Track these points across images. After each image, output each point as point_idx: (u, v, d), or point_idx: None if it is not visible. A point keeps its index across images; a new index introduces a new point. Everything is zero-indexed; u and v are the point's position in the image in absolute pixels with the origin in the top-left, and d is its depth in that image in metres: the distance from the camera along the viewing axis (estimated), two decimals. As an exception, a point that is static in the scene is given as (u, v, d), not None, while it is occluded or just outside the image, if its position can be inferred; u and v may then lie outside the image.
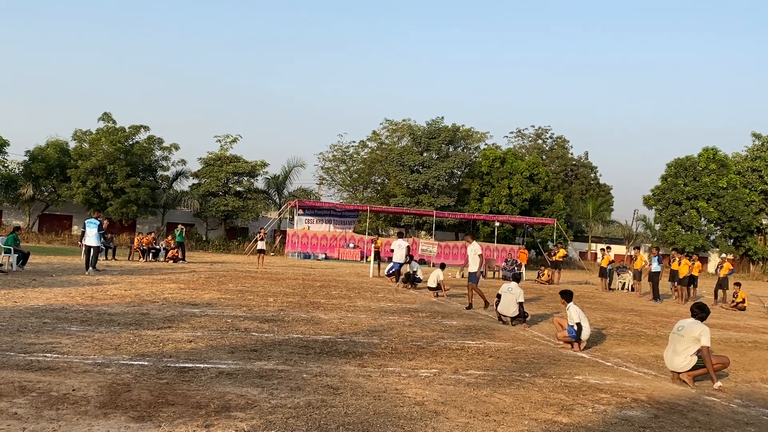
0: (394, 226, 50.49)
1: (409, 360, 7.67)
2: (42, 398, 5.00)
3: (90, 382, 5.60)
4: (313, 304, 12.84)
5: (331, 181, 53.59)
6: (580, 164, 60.87)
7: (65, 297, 11.42)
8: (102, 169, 38.24)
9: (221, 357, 7.06)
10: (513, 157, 47.36)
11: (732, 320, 16.08)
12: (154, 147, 41.19)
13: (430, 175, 44.26)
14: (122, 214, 38.56)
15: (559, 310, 11.71)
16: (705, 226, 51.38)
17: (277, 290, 15.35)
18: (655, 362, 8.82)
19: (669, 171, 52.39)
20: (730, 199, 48.79)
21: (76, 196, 37.99)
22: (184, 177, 44.02)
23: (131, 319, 9.31)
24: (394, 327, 10.41)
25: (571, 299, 9.91)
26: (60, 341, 7.33)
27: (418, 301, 15.20)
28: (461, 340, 9.54)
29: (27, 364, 6.08)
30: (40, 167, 38.24)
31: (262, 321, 10.04)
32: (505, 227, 45.52)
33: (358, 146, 52.80)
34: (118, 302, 11.18)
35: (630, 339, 11.17)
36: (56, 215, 41.95)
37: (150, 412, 4.84)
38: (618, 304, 18.31)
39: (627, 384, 7.22)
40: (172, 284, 15.13)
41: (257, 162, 43.48)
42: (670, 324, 12.63)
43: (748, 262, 52.67)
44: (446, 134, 45.85)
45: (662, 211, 52.22)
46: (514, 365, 7.86)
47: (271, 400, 5.39)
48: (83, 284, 13.93)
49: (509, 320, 11.87)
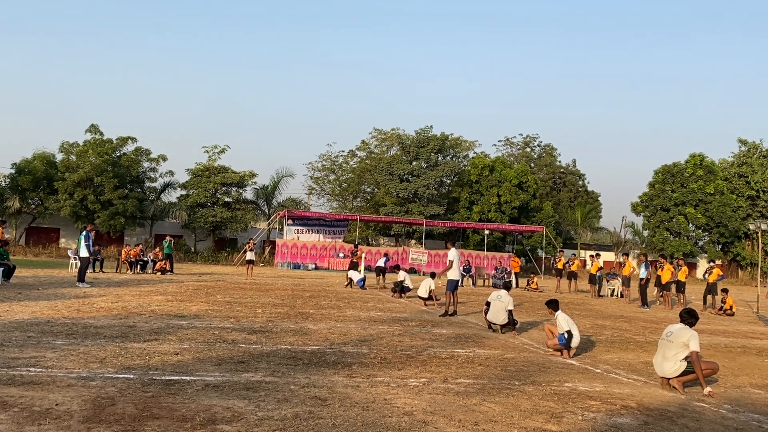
0: (384, 235, 50.51)
1: (399, 369, 7.62)
2: (24, 413, 4.91)
3: (74, 396, 5.51)
4: (302, 315, 12.77)
5: (320, 191, 53.62)
6: (568, 172, 61.24)
7: (51, 310, 11.29)
8: (89, 181, 38.03)
9: (208, 369, 6.99)
10: (502, 166, 47.57)
11: (721, 325, 16.14)
12: (141, 158, 41.05)
13: (420, 183, 44.34)
14: (110, 226, 38.31)
15: (549, 317, 11.70)
16: (693, 232, 51.72)
17: (266, 301, 15.26)
18: (644, 369, 8.82)
19: (656, 177, 52.78)
20: (717, 205, 49.18)
21: (63, 208, 37.74)
22: (172, 188, 43.91)
23: (117, 332, 9.21)
24: (383, 336, 10.36)
25: (558, 308, 9.91)
26: (44, 355, 7.22)
27: (407, 310, 15.16)
28: (451, 349, 9.51)
29: (9, 379, 5.98)
30: (26, 180, 37.97)
31: (250, 332, 9.96)
32: (495, 235, 45.64)
33: (347, 156, 52.88)
34: (105, 315, 11.06)
35: (619, 345, 11.17)
36: (43, 228, 41.62)
37: (134, 426, 4.77)
38: (607, 311, 18.34)
39: (617, 391, 7.20)
40: (160, 296, 15.00)
41: (246, 172, 43.43)
42: (659, 330, 12.66)
43: (736, 267, 53.06)
44: (435, 143, 45.99)
45: (650, 217, 52.55)
46: (503, 373, 7.83)
47: (258, 413, 5.33)
48: (69, 297, 13.78)
49: (499, 328, 11.86)
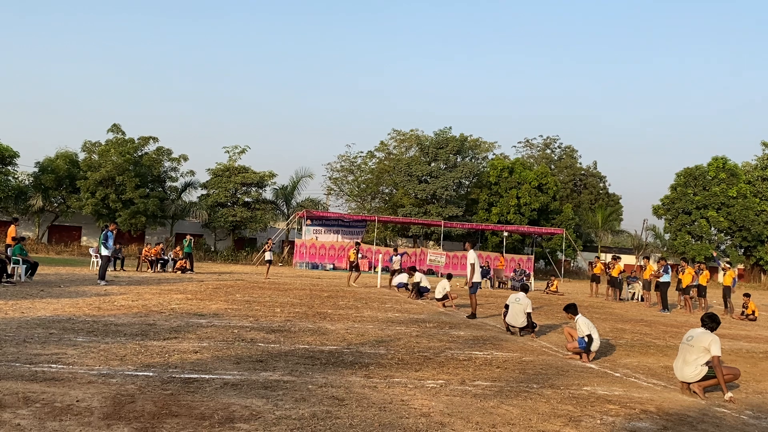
0: (402, 236, 50.45)
1: (416, 371, 7.61)
2: (45, 409, 4.98)
3: (94, 393, 5.58)
4: (320, 315, 12.81)
5: (339, 192, 53.67)
6: (588, 174, 60.71)
7: (72, 308, 11.44)
8: (111, 180, 38.44)
9: (227, 368, 7.04)
10: (521, 167, 47.27)
11: (743, 330, 15.91)
12: (162, 158, 41.39)
13: (438, 185, 44.23)
14: (131, 225, 38.71)
15: (568, 321, 11.62)
16: (715, 236, 51.01)
17: (285, 300, 15.33)
18: (664, 373, 8.72)
19: (678, 180, 52.11)
20: (740, 209, 48.44)
21: (85, 207, 38.19)
22: (192, 188, 44.20)
23: (137, 330, 9.30)
24: (401, 337, 10.36)
25: (577, 312, 9.84)
26: (66, 352, 7.32)
27: (425, 311, 15.13)
28: (468, 351, 9.48)
29: (32, 375, 6.07)
30: (49, 178, 38.50)
31: (269, 331, 10.01)
32: (514, 237, 45.38)
33: (366, 156, 52.90)
34: (125, 313, 11.19)
35: (639, 349, 11.06)
36: (65, 226, 42.17)
37: (153, 423, 4.82)
38: (627, 315, 18.16)
39: (636, 395, 7.13)
40: (180, 295, 15.14)
41: (265, 172, 43.63)
42: (679, 334, 12.51)
43: (759, 271, 52.22)
44: (454, 144, 45.84)
45: (672, 220, 51.90)
46: (521, 376, 7.79)
47: (276, 412, 5.36)
48: (91, 295, 13.96)
49: (517, 331, 11.80)
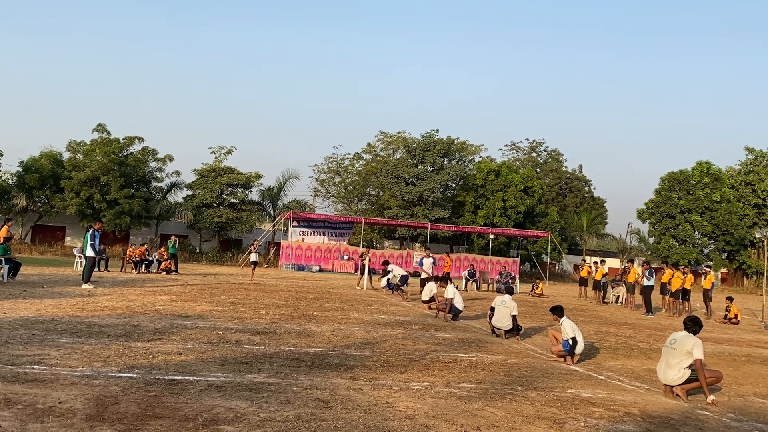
0: (389, 238, 50.47)
1: (401, 373, 7.62)
2: (27, 411, 4.93)
3: (77, 394, 5.53)
4: (306, 317, 12.78)
5: (325, 193, 53.64)
6: (574, 177, 61.12)
7: (56, 308, 11.32)
8: (96, 180, 38.12)
9: (211, 369, 7.00)
10: (507, 170, 47.45)
11: (725, 334, 16.07)
12: (148, 158, 41.08)
13: (425, 187, 44.31)
14: (116, 226, 38.37)
15: (553, 323, 11.70)
16: (699, 240, 51.51)
17: (270, 302, 15.28)
18: (648, 376, 8.79)
19: (663, 185, 52.58)
20: (723, 213, 48.95)
21: (69, 207, 37.82)
22: (178, 188, 43.96)
23: (121, 331, 9.23)
24: (386, 339, 10.36)
25: (563, 314, 9.89)
26: (48, 353, 7.25)
27: (411, 313, 15.15)
28: (454, 353, 9.50)
29: (13, 376, 6.01)
30: (33, 178, 38.08)
31: (254, 333, 9.97)
32: (500, 240, 45.53)
33: (353, 158, 52.85)
34: (109, 314, 11.10)
35: (623, 352, 11.14)
36: (49, 226, 41.71)
37: (137, 425, 4.78)
38: (612, 318, 18.28)
39: (619, 398, 7.18)
40: (164, 296, 15.04)
41: (252, 173, 43.49)
42: (663, 337, 12.61)
43: (741, 275, 52.78)
44: (441, 147, 45.96)
45: (656, 224, 52.34)
46: (506, 378, 7.82)
47: (260, 414, 5.34)
48: (74, 295, 13.83)
49: (503, 333, 11.84)
